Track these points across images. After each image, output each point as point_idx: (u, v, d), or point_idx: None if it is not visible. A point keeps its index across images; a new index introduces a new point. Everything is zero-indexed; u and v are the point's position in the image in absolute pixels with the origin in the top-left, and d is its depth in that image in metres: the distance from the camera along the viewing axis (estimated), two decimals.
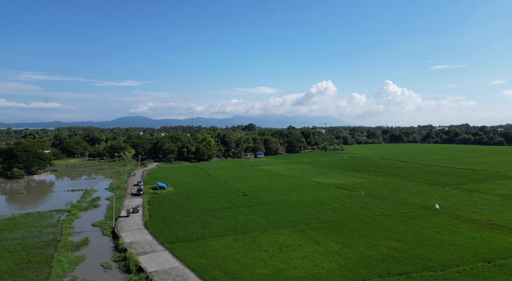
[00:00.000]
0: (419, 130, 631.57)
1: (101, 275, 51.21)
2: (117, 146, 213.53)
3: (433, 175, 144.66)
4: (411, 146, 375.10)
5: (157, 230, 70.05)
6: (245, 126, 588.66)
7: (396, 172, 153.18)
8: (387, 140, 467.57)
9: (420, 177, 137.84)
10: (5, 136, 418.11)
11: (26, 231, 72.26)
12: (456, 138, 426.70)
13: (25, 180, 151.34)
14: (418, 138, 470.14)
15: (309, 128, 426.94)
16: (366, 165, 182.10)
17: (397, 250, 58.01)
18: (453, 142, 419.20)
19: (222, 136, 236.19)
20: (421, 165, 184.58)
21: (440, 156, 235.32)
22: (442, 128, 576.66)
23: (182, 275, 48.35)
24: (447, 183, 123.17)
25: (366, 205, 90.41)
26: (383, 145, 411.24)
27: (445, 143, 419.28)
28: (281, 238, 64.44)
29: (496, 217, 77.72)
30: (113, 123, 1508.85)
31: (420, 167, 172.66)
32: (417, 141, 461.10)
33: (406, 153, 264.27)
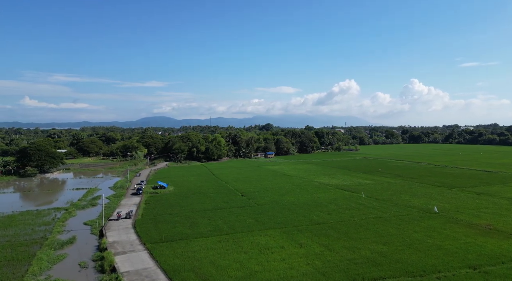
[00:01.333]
0: (443, 130, 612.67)
1: (75, 274, 51.57)
2: (130, 146, 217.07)
3: (444, 176, 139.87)
4: (430, 146, 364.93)
5: (144, 230, 70.18)
6: (262, 126, 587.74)
7: (406, 173, 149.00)
8: (406, 140, 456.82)
9: (430, 179, 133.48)
10: (32, 135, 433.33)
11: (20, 229, 73.85)
12: (480, 138, 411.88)
13: (37, 178, 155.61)
14: (440, 139, 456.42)
15: (323, 128, 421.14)
16: (376, 166, 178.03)
17: (381, 254, 56.01)
18: (476, 143, 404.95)
19: (233, 136, 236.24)
20: (435, 166, 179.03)
21: (458, 157, 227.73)
22: (466, 128, 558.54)
23: (152, 276, 48.06)
24: (456, 185, 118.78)
25: (363, 207, 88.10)
26: (402, 145, 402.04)
27: (468, 144, 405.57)
28: (265, 240, 63.38)
29: (498, 222, 74.16)
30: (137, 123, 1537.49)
31: (432, 169, 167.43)
32: (438, 142, 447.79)
33: (423, 154, 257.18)
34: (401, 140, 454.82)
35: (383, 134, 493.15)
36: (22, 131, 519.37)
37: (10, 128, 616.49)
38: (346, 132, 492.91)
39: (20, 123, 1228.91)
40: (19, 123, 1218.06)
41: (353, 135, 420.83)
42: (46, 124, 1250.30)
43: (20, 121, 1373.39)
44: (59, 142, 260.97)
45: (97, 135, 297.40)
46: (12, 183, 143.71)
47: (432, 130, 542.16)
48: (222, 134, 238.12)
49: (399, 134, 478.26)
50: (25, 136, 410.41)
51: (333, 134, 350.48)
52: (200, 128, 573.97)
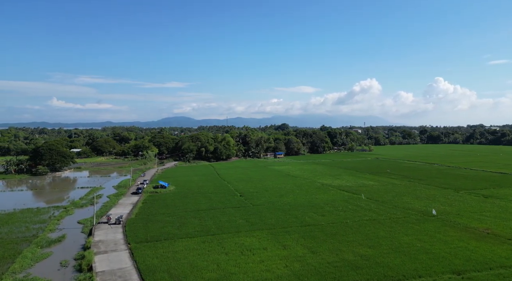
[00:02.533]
0: (466, 130, 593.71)
1: (54, 273, 52.04)
2: (141, 145, 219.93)
3: (454, 178, 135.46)
4: (449, 147, 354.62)
5: (132, 229, 70.50)
6: (278, 126, 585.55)
7: (414, 175, 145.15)
8: (424, 140, 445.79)
9: (438, 181, 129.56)
10: (56, 135, 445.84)
11: (15, 226, 75.53)
12: (503, 139, 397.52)
13: (49, 176, 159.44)
14: (460, 139, 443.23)
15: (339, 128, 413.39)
16: (386, 167, 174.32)
17: (363, 257, 54.45)
18: (499, 143, 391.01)
19: (243, 136, 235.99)
20: (448, 167, 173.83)
21: (474, 158, 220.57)
22: (489, 127, 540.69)
23: (126, 276, 48.04)
24: (464, 188, 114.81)
25: (359, 209, 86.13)
26: (419, 146, 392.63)
27: (490, 144, 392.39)
28: (250, 241, 62.63)
29: (498, 226, 71.16)
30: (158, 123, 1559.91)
31: (444, 170, 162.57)
32: (459, 142, 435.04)
33: (439, 155, 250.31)
34: (419, 141, 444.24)
35: (401, 135, 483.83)
36: (47, 131, 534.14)
37: (36, 128, 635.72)
38: (363, 132, 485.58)
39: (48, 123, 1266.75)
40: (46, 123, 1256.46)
41: (368, 135, 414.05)
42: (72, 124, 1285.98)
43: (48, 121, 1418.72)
44: (74, 142, 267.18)
45: (112, 134, 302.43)
46: (25, 181, 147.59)
47: (454, 130, 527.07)
48: (232, 134, 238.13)
49: (417, 134, 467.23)
50: (48, 136, 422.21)
51: (347, 134, 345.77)
52: (216, 128, 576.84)
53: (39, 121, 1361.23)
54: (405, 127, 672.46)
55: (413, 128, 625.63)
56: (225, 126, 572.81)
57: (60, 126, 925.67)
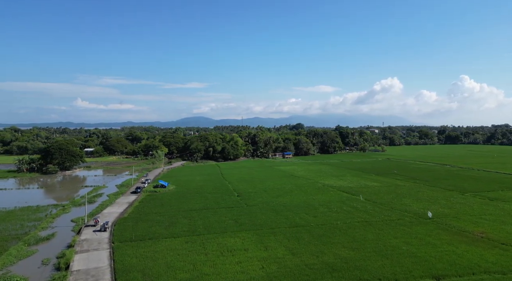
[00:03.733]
0: (490, 130, 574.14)
1: (33, 271, 52.71)
2: (151, 145, 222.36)
3: (463, 180, 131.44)
4: (467, 148, 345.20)
5: (120, 229, 71.01)
6: (293, 126, 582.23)
7: (422, 176, 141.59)
8: (442, 141, 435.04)
9: (445, 182, 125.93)
10: (77, 134, 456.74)
11: (11, 224, 77.20)
12: None
13: (59, 175, 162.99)
14: (480, 139, 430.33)
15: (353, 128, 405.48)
16: (395, 168, 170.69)
17: (344, 259, 53.27)
18: None
19: (252, 136, 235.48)
20: (461, 168, 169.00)
21: (491, 159, 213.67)
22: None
23: (99, 275, 48.32)
24: (471, 190, 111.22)
25: (354, 210, 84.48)
26: (436, 146, 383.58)
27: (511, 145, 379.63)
28: (233, 242, 62.16)
29: (495, 229, 68.56)
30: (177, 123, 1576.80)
31: (455, 171, 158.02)
32: (479, 142, 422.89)
33: (454, 156, 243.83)
34: (437, 141, 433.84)
35: (418, 135, 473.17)
36: (68, 131, 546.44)
37: (58, 128, 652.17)
38: (380, 132, 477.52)
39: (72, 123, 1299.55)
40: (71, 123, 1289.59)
41: (383, 135, 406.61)
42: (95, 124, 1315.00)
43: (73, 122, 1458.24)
44: (88, 141, 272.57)
45: (125, 134, 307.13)
46: (35, 179, 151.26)
47: (476, 130, 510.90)
48: (241, 134, 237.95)
49: (435, 134, 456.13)
50: (68, 135, 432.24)
51: (361, 134, 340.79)
52: (231, 127, 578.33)
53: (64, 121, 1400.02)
54: (425, 127, 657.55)
55: (434, 128, 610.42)
56: (240, 126, 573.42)
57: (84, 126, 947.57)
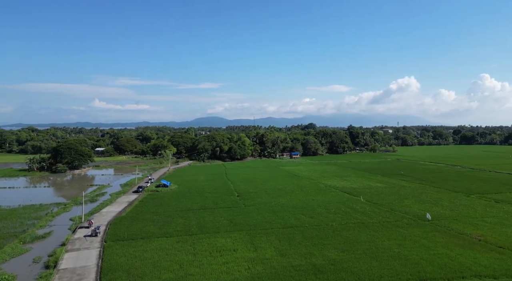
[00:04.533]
0: (509, 130, 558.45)
1: (23, 268, 53.36)
2: (159, 145, 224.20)
3: (471, 181, 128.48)
4: (482, 148, 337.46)
5: (115, 227, 71.62)
6: (305, 126, 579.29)
7: (429, 177, 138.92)
8: (457, 141, 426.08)
9: (452, 183, 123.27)
10: (93, 134, 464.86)
11: (12, 222, 78.67)
12: None
13: (69, 174, 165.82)
14: (498, 140, 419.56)
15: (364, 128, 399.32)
16: (402, 169, 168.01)
17: (332, 261, 52.58)
18: None
19: (260, 136, 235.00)
20: (472, 170, 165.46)
21: (505, 160, 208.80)
22: None
23: (84, 274, 48.77)
24: (477, 191, 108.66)
25: (352, 211, 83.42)
26: (450, 146, 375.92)
27: None
28: (223, 242, 62.00)
29: (494, 232, 66.81)
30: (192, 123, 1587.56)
31: (465, 172, 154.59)
32: (496, 143, 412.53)
33: (467, 156, 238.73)
34: (452, 141, 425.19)
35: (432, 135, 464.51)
36: (84, 131, 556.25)
37: (75, 128, 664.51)
38: (394, 132, 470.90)
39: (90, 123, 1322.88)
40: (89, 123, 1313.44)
41: (396, 135, 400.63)
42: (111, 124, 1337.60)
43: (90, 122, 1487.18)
44: (100, 141, 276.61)
45: (136, 134, 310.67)
46: (45, 178, 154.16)
47: (494, 130, 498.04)
48: (249, 134, 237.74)
49: (449, 134, 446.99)
50: (83, 135, 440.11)
51: (373, 134, 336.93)
52: (243, 127, 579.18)
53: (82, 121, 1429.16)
54: (442, 127, 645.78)
55: (451, 128, 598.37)
56: (251, 126, 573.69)
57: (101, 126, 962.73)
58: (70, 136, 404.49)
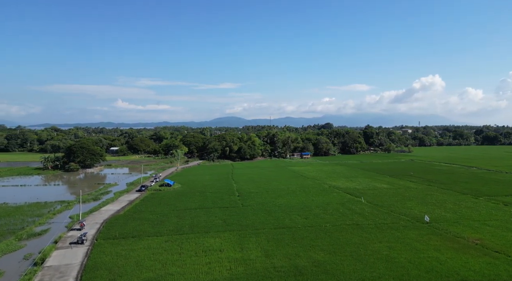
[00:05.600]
0: None
1: (13, 265, 54.47)
2: (171, 144, 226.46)
3: (483, 183, 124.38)
4: (505, 149, 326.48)
5: (110, 226, 72.52)
6: (322, 126, 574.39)
7: (439, 178, 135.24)
8: (479, 141, 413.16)
9: (462, 185, 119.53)
10: (113, 133, 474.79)
11: (14, 219, 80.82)
12: None
13: (82, 172, 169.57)
14: None
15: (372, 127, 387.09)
16: (413, 169, 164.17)
17: (316, 263, 51.75)
18: None
19: (271, 135, 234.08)
20: (488, 171, 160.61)
21: None
22: None
23: (66, 272, 49.42)
24: (487, 193, 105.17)
25: (350, 212, 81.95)
26: (470, 147, 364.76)
27: None
28: (212, 242, 61.83)
29: (494, 236, 64.44)
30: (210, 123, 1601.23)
31: (479, 174, 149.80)
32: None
33: (486, 157, 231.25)
34: (474, 142, 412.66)
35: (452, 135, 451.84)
36: (105, 130, 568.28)
37: (96, 127, 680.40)
38: (414, 132, 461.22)
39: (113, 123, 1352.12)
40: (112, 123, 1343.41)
41: (413, 135, 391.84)
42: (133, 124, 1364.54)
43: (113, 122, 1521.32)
44: (115, 141, 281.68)
45: (149, 135, 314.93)
46: (59, 176, 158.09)
47: None
48: (260, 134, 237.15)
49: (471, 134, 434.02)
50: (103, 134, 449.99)
51: (389, 134, 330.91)
52: (258, 127, 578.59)
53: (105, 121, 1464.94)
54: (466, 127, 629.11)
55: (476, 127, 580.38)
56: (267, 125, 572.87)
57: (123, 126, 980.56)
58: (90, 135, 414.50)
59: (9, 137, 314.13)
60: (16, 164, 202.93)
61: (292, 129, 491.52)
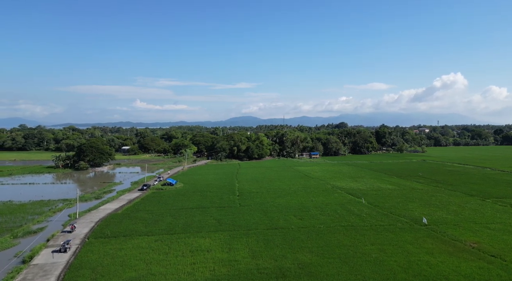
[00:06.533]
0: None
1: (1, 262, 55.18)
2: (180, 144, 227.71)
3: (493, 184, 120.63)
4: None
5: (104, 225, 72.94)
6: (336, 125, 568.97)
7: (448, 179, 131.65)
8: (498, 141, 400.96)
9: (469, 186, 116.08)
10: (129, 133, 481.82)
11: (14, 216, 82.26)
12: None
13: (92, 171, 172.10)
14: None
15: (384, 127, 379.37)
16: (424, 170, 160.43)
17: (301, 265, 50.86)
18: None
19: (280, 135, 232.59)
20: (502, 172, 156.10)
21: None
22: None
23: (50, 270, 49.77)
24: (495, 195, 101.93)
25: (347, 213, 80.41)
26: (489, 147, 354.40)
27: None
28: (201, 242, 61.47)
29: (493, 239, 62.28)
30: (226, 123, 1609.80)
31: (492, 175, 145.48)
32: None
33: (502, 158, 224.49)
34: (493, 142, 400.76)
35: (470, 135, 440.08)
36: (122, 130, 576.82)
37: (113, 127, 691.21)
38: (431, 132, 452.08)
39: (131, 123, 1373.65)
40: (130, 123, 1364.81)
41: (429, 135, 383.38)
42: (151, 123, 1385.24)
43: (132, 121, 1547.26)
44: (126, 140, 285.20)
45: (162, 133, 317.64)
46: (69, 175, 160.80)
47: None
48: (269, 134, 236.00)
49: (490, 134, 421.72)
50: (119, 134, 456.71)
51: (403, 134, 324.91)
52: (272, 126, 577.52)
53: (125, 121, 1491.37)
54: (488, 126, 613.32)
55: (497, 127, 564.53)
56: (281, 124, 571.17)
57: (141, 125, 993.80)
58: (106, 135, 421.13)
59: (27, 136, 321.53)
60: (30, 163, 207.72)
61: (306, 129, 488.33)
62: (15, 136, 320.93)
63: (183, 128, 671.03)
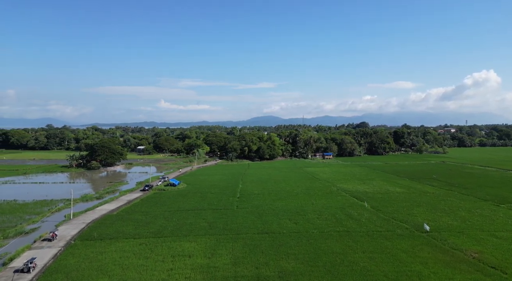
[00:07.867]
0: None
1: None
2: (193, 144, 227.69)
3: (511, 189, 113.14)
4: None
5: (96, 226, 72.21)
6: (356, 125, 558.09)
7: (464, 182, 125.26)
8: None
9: (486, 191, 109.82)
10: (150, 132, 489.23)
11: (13, 216, 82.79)
12: None
13: (104, 171, 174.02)
14: None
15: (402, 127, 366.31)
16: (440, 172, 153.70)
17: (282, 273, 48.41)
18: None
19: (293, 135, 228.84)
20: None
21: None
22: None
23: (25, 273, 48.87)
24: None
25: (346, 218, 76.89)
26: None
27: None
28: (185, 247, 59.62)
29: (498, 249, 58.03)
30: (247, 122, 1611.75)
31: None
32: None
33: None
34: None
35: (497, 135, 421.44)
36: (143, 130, 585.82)
37: (135, 127, 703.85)
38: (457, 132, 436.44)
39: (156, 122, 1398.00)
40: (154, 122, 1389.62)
41: (453, 135, 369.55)
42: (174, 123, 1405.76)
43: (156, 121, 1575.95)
44: (142, 140, 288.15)
45: (177, 133, 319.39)
46: (81, 174, 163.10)
47: None
48: (282, 134, 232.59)
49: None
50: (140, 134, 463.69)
51: (424, 134, 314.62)
52: (291, 126, 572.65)
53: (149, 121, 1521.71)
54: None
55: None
56: (299, 124, 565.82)
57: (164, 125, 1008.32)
58: (127, 134, 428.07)
59: (49, 136, 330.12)
60: (48, 162, 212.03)
61: (324, 129, 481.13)
62: (38, 136, 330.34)
63: (202, 128, 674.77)
